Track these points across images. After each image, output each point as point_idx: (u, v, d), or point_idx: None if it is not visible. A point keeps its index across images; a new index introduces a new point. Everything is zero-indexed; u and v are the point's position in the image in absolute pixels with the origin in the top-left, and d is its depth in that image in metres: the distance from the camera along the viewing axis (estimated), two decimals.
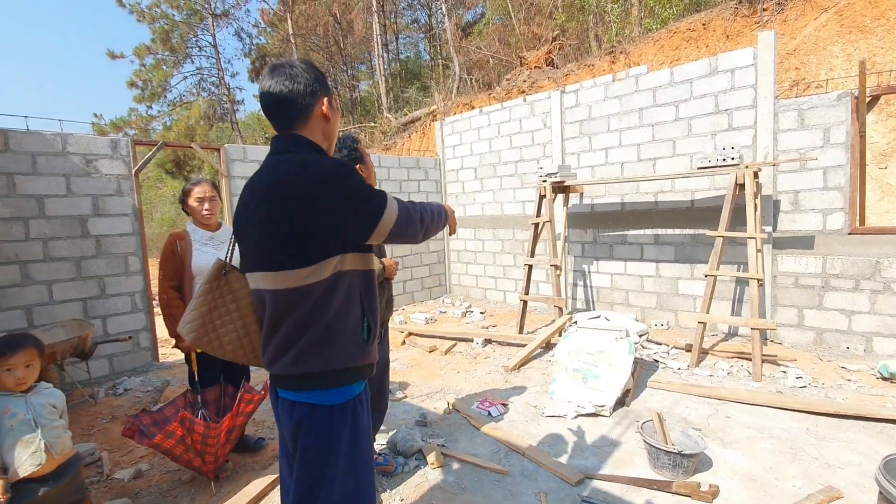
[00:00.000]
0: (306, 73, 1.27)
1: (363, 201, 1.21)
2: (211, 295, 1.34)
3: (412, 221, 1.31)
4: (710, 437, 2.80)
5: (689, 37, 8.45)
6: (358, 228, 1.22)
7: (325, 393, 1.23)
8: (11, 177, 3.84)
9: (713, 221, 4.58)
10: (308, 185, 1.15)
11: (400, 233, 1.28)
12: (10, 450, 1.75)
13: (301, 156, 1.22)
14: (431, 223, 1.41)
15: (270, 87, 1.25)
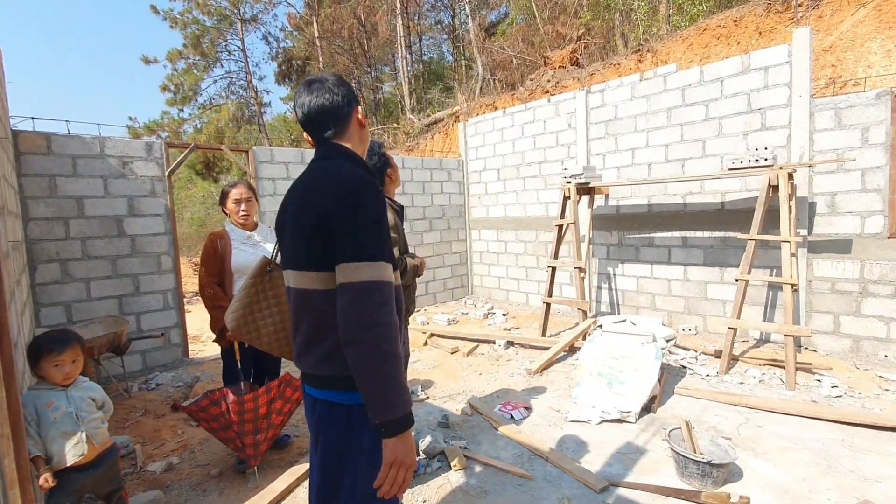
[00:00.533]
0: (340, 85, 1.34)
1: (360, 229, 1.15)
2: (254, 289, 1.47)
3: (374, 302, 1.10)
4: (741, 447, 2.72)
5: (719, 34, 8.23)
6: (340, 251, 1.15)
7: (344, 394, 1.24)
8: (53, 178, 4.02)
9: (745, 224, 4.45)
10: (331, 194, 1.18)
11: (357, 294, 1.10)
12: (53, 440, 1.83)
13: (337, 163, 1.28)
14: (383, 350, 1.10)
15: (311, 102, 1.31)
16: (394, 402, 1.10)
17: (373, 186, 1.20)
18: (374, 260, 1.12)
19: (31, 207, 3.91)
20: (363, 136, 1.41)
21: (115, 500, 2.07)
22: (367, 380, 1.10)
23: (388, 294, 1.13)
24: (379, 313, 1.10)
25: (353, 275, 1.11)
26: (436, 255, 7.12)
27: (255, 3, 16.96)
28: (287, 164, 5.48)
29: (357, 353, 1.09)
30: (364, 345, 1.09)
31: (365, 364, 1.09)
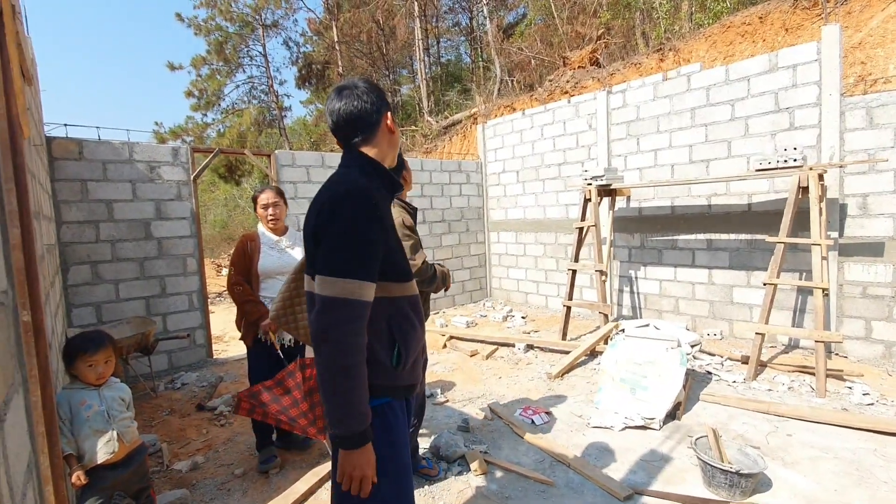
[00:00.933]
0: (371, 92, 1.35)
1: (334, 241, 1.17)
2: (295, 284, 1.61)
3: (336, 318, 1.12)
4: (770, 456, 2.64)
5: (744, 31, 8.03)
6: (318, 260, 1.19)
7: None
8: (84, 183, 4.15)
9: (773, 226, 4.33)
10: (322, 202, 1.23)
11: (322, 307, 1.14)
12: (86, 438, 1.88)
13: (347, 171, 1.32)
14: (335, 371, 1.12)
15: (341, 108, 1.32)
16: (339, 418, 1.13)
17: (361, 198, 1.19)
18: (345, 277, 1.13)
19: (63, 211, 4.04)
20: (392, 141, 1.41)
21: (144, 498, 2.12)
22: (322, 390, 1.16)
23: (357, 312, 1.13)
24: (337, 331, 1.11)
25: (323, 288, 1.14)
26: (454, 258, 7.11)
27: (277, 9, 17.25)
28: (308, 168, 5.55)
29: (318, 363, 1.14)
30: (321, 357, 1.13)
31: (321, 375, 1.14)
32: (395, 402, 1.32)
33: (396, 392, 1.32)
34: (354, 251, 1.16)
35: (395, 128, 1.41)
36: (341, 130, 1.36)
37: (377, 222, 1.20)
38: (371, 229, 1.19)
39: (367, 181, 1.27)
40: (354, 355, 1.13)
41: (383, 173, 1.36)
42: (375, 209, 1.20)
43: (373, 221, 1.19)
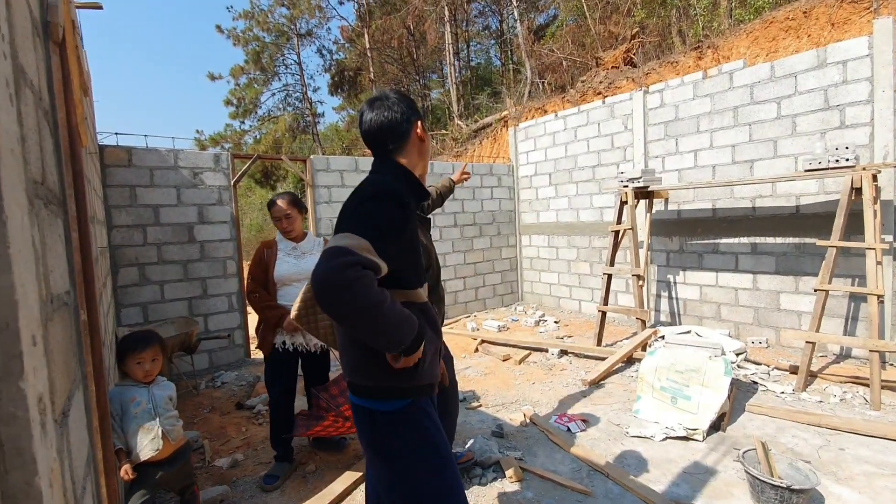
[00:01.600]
0: (401, 102, 1.41)
1: (359, 217, 1.22)
2: None
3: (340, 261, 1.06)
4: (822, 472, 2.49)
5: (787, 27, 7.68)
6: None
7: (371, 401, 1.32)
8: (133, 189, 4.35)
9: (822, 229, 4.11)
10: (352, 204, 1.28)
11: (323, 257, 1.11)
12: (133, 434, 1.96)
13: (376, 178, 1.36)
14: (371, 314, 1.08)
15: (372, 119, 1.39)
16: (397, 340, 1.16)
17: (394, 196, 1.24)
18: (362, 236, 1.15)
19: (114, 216, 4.24)
20: (422, 150, 1.47)
21: (188, 494, 2.18)
22: (362, 334, 1.16)
23: (358, 260, 1.08)
24: (342, 272, 1.05)
25: (335, 240, 1.16)
26: (485, 261, 7.08)
27: (311, 18, 17.71)
28: (342, 172, 5.64)
29: (343, 314, 1.08)
30: (344, 306, 1.06)
31: (353, 326, 1.11)
32: (420, 400, 1.35)
33: (419, 391, 1.34)
34: (378, 227, 1.19)
35: (425, 136, 1.46)
36: (373, 140, 1.42)
37: (404, 219, 1.25)
38: (398, 221, 1.24)
39: (399, 185, 1.32)
40: (375, 292, 1.09)
41: (413, 181, 1.41)
42: (406, 207, 1.25)
43: (401, 214, 1.24)
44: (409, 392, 1.32)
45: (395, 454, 1.30)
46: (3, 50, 0.63)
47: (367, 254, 1.12)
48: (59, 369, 0.83)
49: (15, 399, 0.57)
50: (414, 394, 1.33)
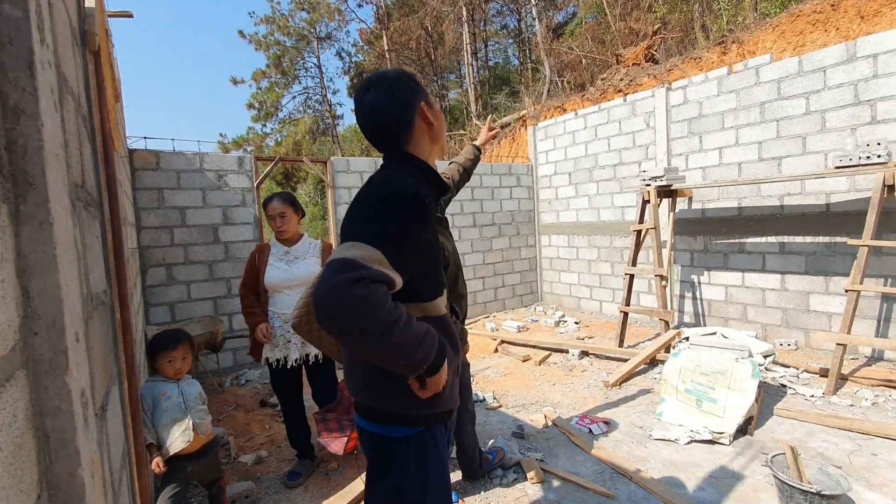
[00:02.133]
0: (398, 87, 1.21)
1: (370, 221, 1.05)
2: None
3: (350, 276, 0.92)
4: (854, 477, 2.41)
5: (814, 20, 7.44)
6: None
7: (378, 425, 1.19)
8: (161, 191, 4.47)
9: (854, 228, 3.98)
10: (364, 203, 1.11)
11: (328, 270, 0.95)
12: (165, 428, 2.01)
13: (388, 174, 1.19)
14: (386, 333, 0.94)
15: (367, 112, 1.22)
16: (415, 363, 1.01)
17: (413, 197, 1.08)
18: (371, 245, 0.99)
19: (143, 217, 4.37)
20: (433, 134, 1.27)
21: (216, 488, 2.24)
22: (377, 359, 1.01)
23: (366, 275, 0.93)
24: (353, 288, 0.91)
25: (337, 252, 0.99)
26: (504, 261, 7.05)
27: (330, 22, 17.92)
28: (362, 173, 5.70)
29: (351, 346, 1.00)
30: (354, 334, 0.94)
31: (362, 350, 0.99)
32: (433, 429, 1.21)
33: (435, 420, 1.21)
34: (392, 234, 1.02)
35: (433, 118, 1.25)
36: (372, 136, 1.24)
37: (423, 222, 1.08)
38: (415, 226, 1.07)
39: (415, 181, 1.15)
40: (388, 310, 0.94)
41: (430, 174, 1.23)
42: (425, 208, 1.09)
43: (418, 219, 1.07)
44: (424, 420, 1.18)
45: (394, 481, 1.18)
46: (48, 59, 0.66)
47: (379, 266, 0.96)
48: (98, 365, 0.86)
49: (60, 393, 0.60)
50: (429, 422, 1.18)
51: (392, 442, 1.17)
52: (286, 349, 2.54)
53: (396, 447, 1.17)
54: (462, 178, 2.49)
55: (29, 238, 0.57)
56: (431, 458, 1.20)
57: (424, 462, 1.19)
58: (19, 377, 0.52)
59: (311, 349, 2.57)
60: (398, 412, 1.16)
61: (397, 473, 1.18)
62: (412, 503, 1.19)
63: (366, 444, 1.24)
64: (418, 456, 1.18)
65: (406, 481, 1.17)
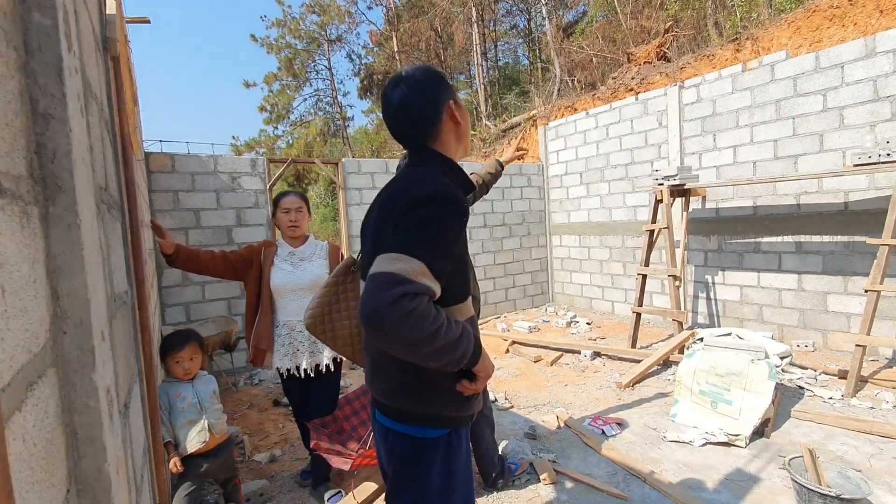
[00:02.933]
0: (427, 83, 1.21)
1: (412, 228, 1.04)
2: (335, 288, 1.41)
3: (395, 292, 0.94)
4: (874, 481, 2.37)
5: (831, 15, 7.31)
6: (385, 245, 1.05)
7: (412, 427, 1.20)
8: (176, 193, 4.54)
9: (874, 227, 3.90)
10: (404, 204, 1.09)
11: (373, 285, 0.97)
12: (181, 428, 2.04)
13: (423, 171, 1.19)
14: (431, 343, 0.98)
15: (395, 108, 1.22)
16: (456, 360, 1.05)
17: (453, 200, 1.08)
18: (414, 257, 0.99)
19: (159, 219, 4.44)
20: (459, 133, 1.28)
21: (231, 486, 2.27)
22: (421, 361, 1.03)
23: (411, 290, 0.96)
24: (398, 304, 0.94)
25: (382, 265, 0.99)
26: (515, 262, 7.03)
27: (341, 24, 18.05)
28: (372, 175, 5.73)
29: (398, 354, 1.01)
30: (403, 346, 0.98)
31: (417, 359, 1.01)
32: (460, 430, 1.24)
33: (463, 421, 1.23)
34: (434, 241, 1.03)
35: (460, 117, 1.26)
36: (399, 132, 1.25)
37: (461, 226, 1.09)
38: (455, 232, 1.08)
39: (452, 182, 1.16)
40: (433, 319, 0.98)
41: (459, 173, 1.24)
42: (465, 213, 1.10)
43: (459, 225, 1.08)
44: (453, 422, 1.20)
45: (423, 481, 1.19)
46: (75, 65, 0.68)
47: (423, 279, 0.98)
48: (121, 364, 0.88)
49: (88, 390, 0.61)
50: (457, 423, 1.21)
51: (422, 443, 1.19)
52: (295, 358, 2.41)
53: (426, 447, 1.19)
54: (480, 191, 2.46)
55: (58, 240, 0.59)
56: (458, 458, 1.23)
57: (452, 462, 1.21)
58: (50, 375, 0.54)
59: (322, 358, 2.45)
60: (429, 414, 1.17)
61: (425, 473, 1.19)
62: (440, 501, 1.21)
63: (393, 445, 1.24)
64: (447, 456, 1.20)
65: (434, 480, 1.19)
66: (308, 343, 2.41)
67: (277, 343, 2.40)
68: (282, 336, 2.41)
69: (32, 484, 0.47)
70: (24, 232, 0.50)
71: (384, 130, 18.17)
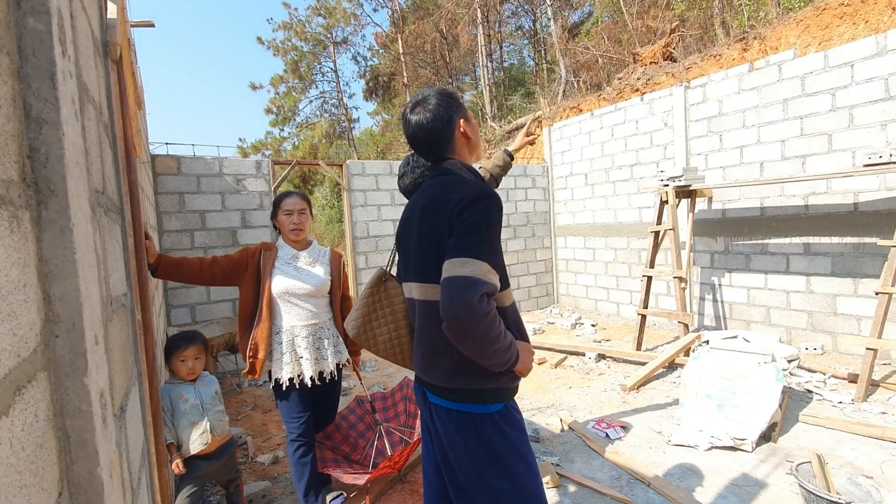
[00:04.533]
0: (440, 104, 1.38)
1: (470, 230, 1.20)
2: (371, 299, 1.54)
3: (475, 292, 1.12)
4: (886, 488, 2.32)
5: (841, 13, 7.22)
6: (450, 248, 1.20)
7: (473, 405, 1.31)
8: (182, 195, 4.57)
9: (885, 228, 3.85)
10: (454, 205, 1.23)
11: (454, 288, 1.13)
12: (183, 429, 2.05)
13: (455, 177, 1.34)
14: (496, 344, 1.16)
15: (414, 126, 1.39)
16: (504, 361, 1.21)
17: (493, 196, 1.25)
18: (480, 259, 1.15)
19: (164, 221, 4.47)
20: (471, 145, 1.46)
21: (233, 488, 2.27)
22: (480, 357, 1.20)
23: (490, 290, 1.15)
24: (482, 304, 1.12)
25: (456, 269, 1.14)
26: (520, 263, 7.01)
27: (346, 26, 18.11)
28: (377, 176, 5.73)
29: (467, 338, 1.15)
30: (472, 335, 1.13)
31: (475, 348, 1.17)
32: (513, 402, 1.38)
33: (511, 392, 1.37)
34: (490, 240, 1.21)
35: (471, 132, 1.43)
36: (419, 147, 1.43)
37: (501, 221, 1.28)
38: (499, 226, 1.26)
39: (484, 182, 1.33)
40: (495, 321, 1.16)
41: (478, 177, 1.38)
42: (502, 209, 1.27)
43: (500, 219, 1.26)
44: (508, 393, 1.34)
45: (497, 455, 1.29)
46: (69, 70, 0.68)
47: (490, 276, 1.16)
48: (118, 367, 0.88)
49: (80, 394, 0.61)
50: (508, 395, 1.35)
51: (488, 419, 1.30)
52: (298, 366, 2.25)
53: (492, 422, 1.30)
54: (490, 185, 2.53)
55: (50, 243, 0.59)
56: (519, 427, 1.35)
57: (514, 431, 1.33)
58: (41, 378, 0.54)
59: (327, 365, 2.31)
60: (491, 388, 1.30)
61: (488, 445, 1.29)
62: (512, 469, 1.30)
63: (451, 424, 1.33)
64: (512, 425, 1.32)
65: (501, 450, 1.29)
66: (312, 350, 2.27)
67: (276, 352, 2.24)
68: (283, 344, 2.24)
69: (21, 488, 0.47)
70: (14, 236, 0.50)
71: (389, 132, 18.22)
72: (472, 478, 1.31)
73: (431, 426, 1.42)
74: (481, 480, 1.29)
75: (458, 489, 1.35)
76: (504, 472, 1.29)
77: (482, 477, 1.29)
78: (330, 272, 2.39)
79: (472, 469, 1.30)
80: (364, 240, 5.66)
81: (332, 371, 2.33)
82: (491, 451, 1.29)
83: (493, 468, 1.29)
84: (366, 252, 5.67)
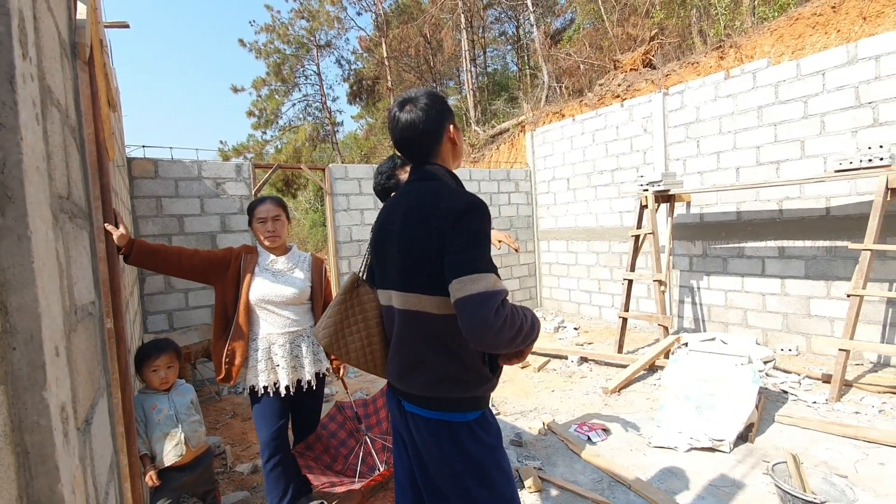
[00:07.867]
0: (431, 105, 1.34)
1: (469, 245, 1.20)
2: (343, 306, 1.49)
3: (490, 308, 1.12)
4: (860, 487, 2.38)
5: (814, 23, 7.45)
6: (453, 267, 1.18)
7: (455, 414, 1.30)
8: (159, 200, 4.47)
9: (856, 232, 3.97)
10: (443, 216, 1.21)
11: (471, 307, 1.13)
12: (157, 441, 2.00)
13: (440, 184, 1.32)
14: (522, 334, 1.19)
15: (403, 124, 1.34)
16: (533, 339, 1.25)
17: (482, 206, 1.25)
18: (486, 272, 1.17)
19: (141, 226, 4.37)
20: (456, 153, 1.43)
21: (210, 499, 2.22)
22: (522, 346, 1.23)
23: (499, 300, 1.16)
24: (498, 316, 1.13)
25: (467, 288, 1.14)
26: (503, 267, 7.04)
27: (330, 30, 18.02)
28: (360, 180, 5.70)
29: (500, 344, 1.16)
30: (505, 340, 1.15)
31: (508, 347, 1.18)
32: (488, 409, 1.38)
33: (485, 401, 1.36)
34: (486, 252, 1.22)
35: (458, 139, 1.41)
36: (405, 146, 1.38)
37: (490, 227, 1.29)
38: (490, 232, 1.28)
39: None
40: (519, 319, 1.18)
41: (460, 185, 1.38)
42: (490, 215, 1.27)
43: (490, 226, 1.27)
44: (481, 402, 1.34)
45: (474, 463, 1.28)
46: (30, 72, 0.66)
47: (499, 284, 1.18)
48: (82, 378, 0.85)
49: (39, 408, 0.59)
50: (483, 403, 1.35)
51: (466, 427, 1.30)
52: (274, 374, 2.20)
53: (469, 430, 1.30)
54: None
55: (7, 252, 0.57)
56: (496, 433, 1.35)
57: (491, 438, 1.33)
58: None
59: (304, 374, 2.26)
60: (471, 397, 1.30)
61: (466, 453, 1.29)
62: (489, 476, 1.30)
63: (429, 433, 1.32)
64: (487, 433, 1.32)
65: (478, 458, 1.29)
66: (289, 358, 2.22)
67: (252, 359, 2.18)
68: (259, 351, 2.18)
69: None
70: None
71: (373, 136, 18.17)
72: (448, 485, 1.30)
73: (406, 435, 1.39)
74: (458, 488, 1.29)
75: (434, 497, 1.34)
76: (481, 480, 1.28)
77: (459, 485, 1.29)
78: (311, 278, 2.33)
79: (449, 477, 1.30)
80: (347, 244, 5.62)
81: (309, 380, 2.26)
82: (468, 459, 1.28)
83: (471, 476, 1.29)
84: (349, 256, 5.63)
